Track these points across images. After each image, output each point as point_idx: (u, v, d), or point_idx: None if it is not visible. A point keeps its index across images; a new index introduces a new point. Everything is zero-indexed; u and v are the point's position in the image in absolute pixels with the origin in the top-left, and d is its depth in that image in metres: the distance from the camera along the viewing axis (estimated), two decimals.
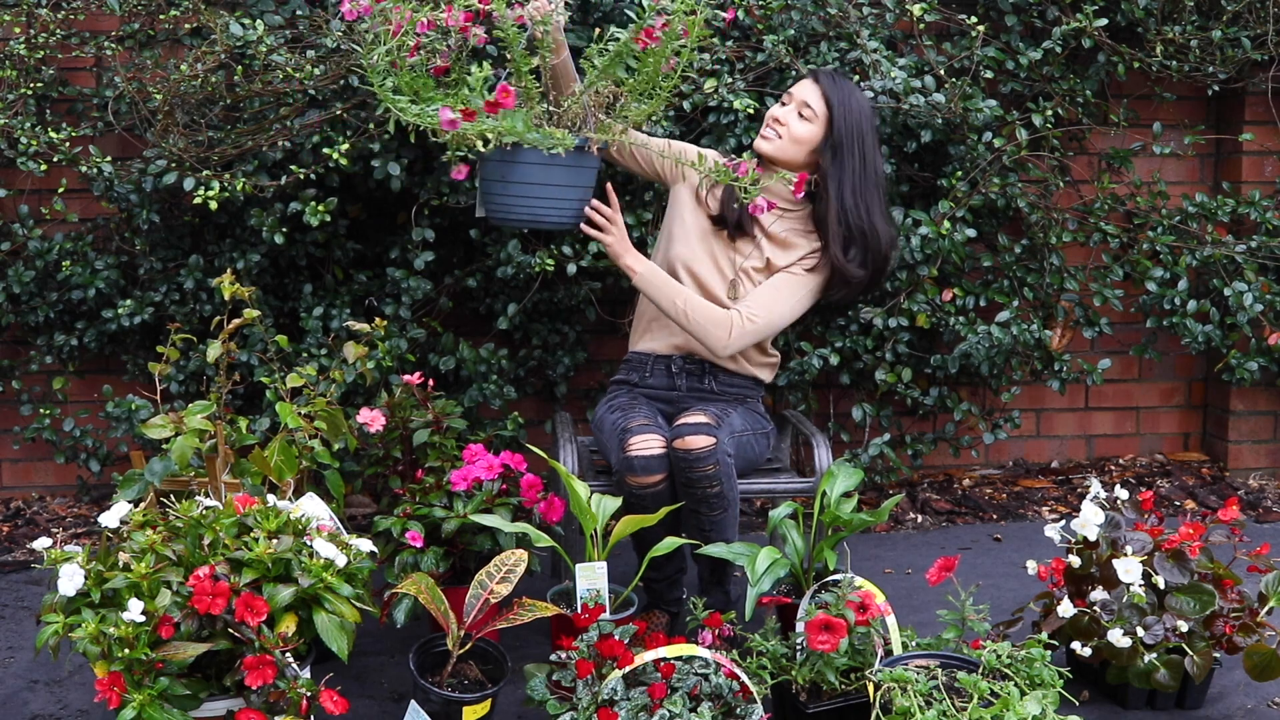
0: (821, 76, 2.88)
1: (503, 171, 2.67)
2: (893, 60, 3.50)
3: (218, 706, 2.16)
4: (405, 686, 2.65)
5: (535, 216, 2.73)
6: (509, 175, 2.67)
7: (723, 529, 2.72)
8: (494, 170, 2.69)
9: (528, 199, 2.69)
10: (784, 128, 2.87)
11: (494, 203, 2.74)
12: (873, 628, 2.33)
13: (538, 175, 2.65)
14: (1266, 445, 4.18)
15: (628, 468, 2.67)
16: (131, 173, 3.46)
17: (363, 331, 3.08)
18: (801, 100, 2.87)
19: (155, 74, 3.44)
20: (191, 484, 2.70)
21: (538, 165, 2.64)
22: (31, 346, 3.75)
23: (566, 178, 2.69)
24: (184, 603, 2.12)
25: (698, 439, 2.66)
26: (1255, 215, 3.87)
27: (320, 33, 3.30)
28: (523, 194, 2.68)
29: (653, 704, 2.15)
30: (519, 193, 2.68)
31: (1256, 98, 3.95)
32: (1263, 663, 2.44)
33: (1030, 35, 3.77)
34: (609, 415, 2.86)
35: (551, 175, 2.67)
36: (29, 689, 2.68)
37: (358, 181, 3.48)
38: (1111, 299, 3.84)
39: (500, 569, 2.44)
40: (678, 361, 2.97)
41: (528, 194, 2.68)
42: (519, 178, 2.66)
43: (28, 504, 3.87)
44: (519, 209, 2.71)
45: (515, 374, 3.72)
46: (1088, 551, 2.57)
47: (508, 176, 2.67)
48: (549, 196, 2.70)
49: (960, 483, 4.09)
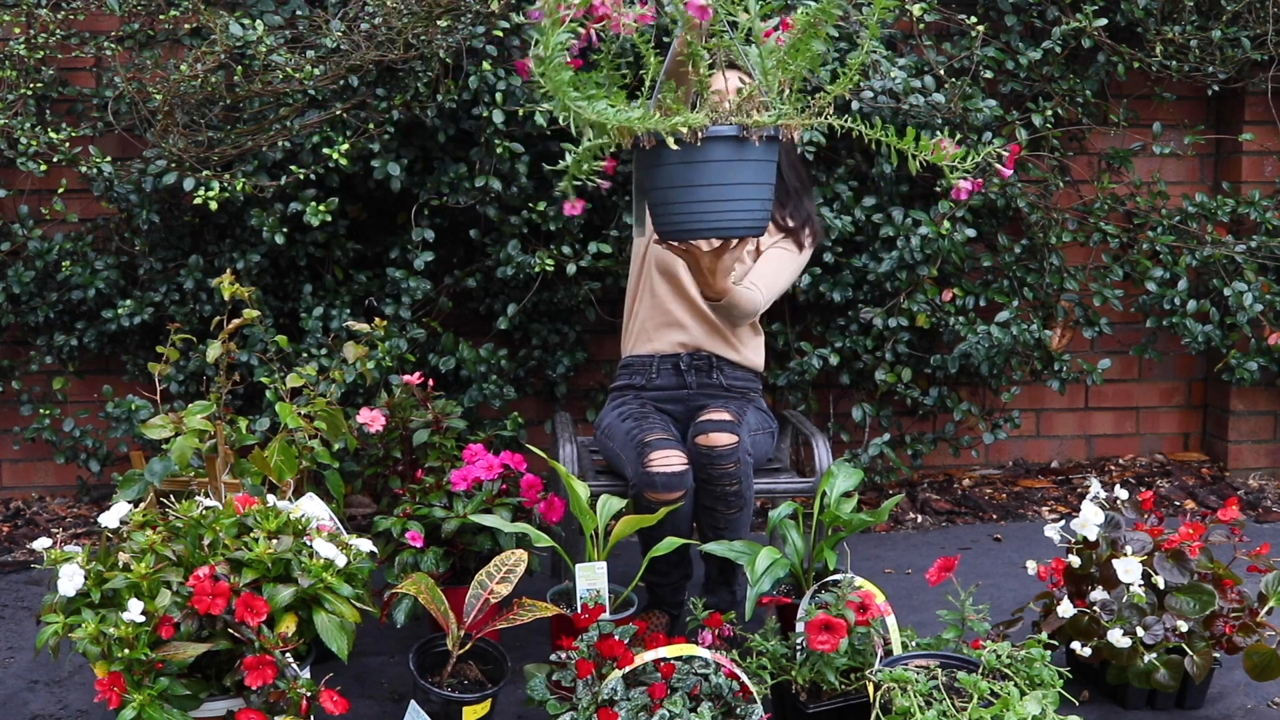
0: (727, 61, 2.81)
1: (685, 175, 2.29)
2: (893, 60, 3.50)
3: (218, 707, 2.16)
4: (405, 687, 2.65)
5: (727, 223, 2.33)
6: (694, 178, 2.28)
7: (737, 528, 2.72)
8: (670, 175, 2.30)
9: (718, 204, 2.30)
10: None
11: (673, 214, 2.34)
12: (873, 628, 2.33)
13: (727, 174, 2.27)
14: (1266, 445, 4.17)
15: (649, 484, 2.65)
16: (131, 173, 3.46)
17: (363, 331, 3.08)
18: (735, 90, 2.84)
19: (155, 74, 3.44)
20: (191, 484, 2.70)
21: (726, 162, 2.26)
22: (31, 346, 3.75)
23: (757, 173, 2.31)
24: (184, 603, 2.12)
25: (722, 436, 2.66)
26: (1255, 215, 3.88)
27: (320, 33, 3.30)
28: (712, 198, 2.29)
29: (653, 704, 2.15)
30: (708, 196, 2.30)
31: (1256, 98, 3.95)
32: (1263, 663, 2.44)
33: (1030, 35, 3.77)
34: (620, 423, 2.84)
35: (742, 172, 2.29)
36: (29, 689, 2.68)
37: (358, 181, 3.48)
38: (1111, 299, 3.84)
39: (500, 569, 2.44)
40: (685, 359, 2.96)
41: (718, 197, 2.29)
42: (705, 179, 2.28)
43: (28, 504, 3.87)
44: (708, 217, 2.32)
45: (515, 374, 3.72)
46: (1088, 551, 2.57)
47: (693, 179, 2.28)
48: (741, 197, 2.31)
49: (960, 483, 4.09)
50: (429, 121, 3.34)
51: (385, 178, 3.35)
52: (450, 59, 3.24)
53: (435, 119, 3.34)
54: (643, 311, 3.00)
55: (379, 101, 3.31)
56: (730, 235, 2.43)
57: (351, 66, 3.22)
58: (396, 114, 3.30)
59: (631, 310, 3.06)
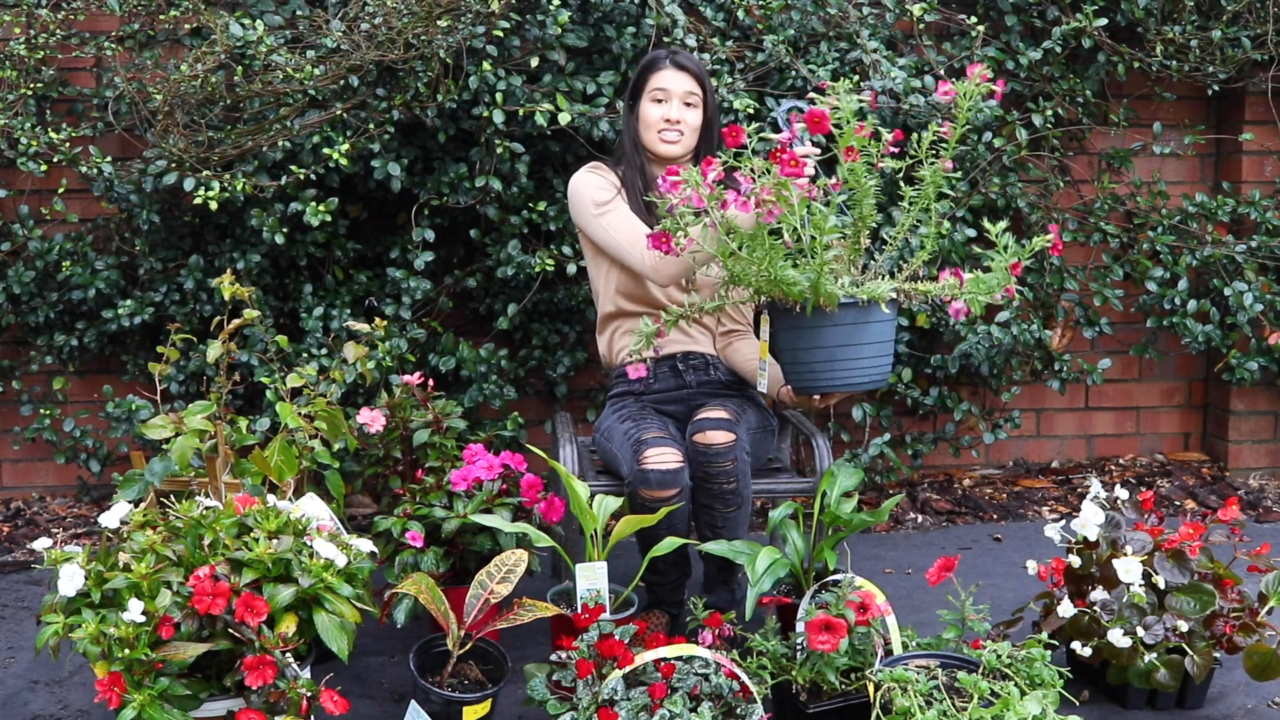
0: (682, 59, 2.89)
1: (817, 338, 2.39)
2: (893, 60, 3.50)
3: (218, 707, 2.16)
4: (405, 686, 2.65)
5: (860, 380, 2.44)
6: (829, 340, 2.39)
7: (734, 527, 2.72)
8: (800, 338, 2.41)
9: (848, 361, 2.40)
10: (680, 124, 2.87)
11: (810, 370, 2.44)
12: (873, 628, 2.33)
13: (857, 335, 2.38)
14: (1266, 445, 4.17)
15: (643, 481, 2.64)
16: (131, 173, 3.46)
17: (363, 331, 3.08)
18: (684, 91, 2.87)
19: (155, 74, 3.45)
20: (191, 484, 2.70)
21: (854, 325, 2.37)
22: (31, 346, 3.75)
23: (884, 332, 2.43)
24: (184, 603, 2.12)
25: (718, 434, 2.66)
26: (1255, 215, 3.88)
27: (320, 33, 3.30)
28: (844, 357, 2.40)
29: (653, 704, 2.15)
30: (840, 356, 2.40)
31: (1256, 98, 3.95)
32: (1263, 662, 2.44)
33: (1030, 35, 3.77)
34: (619, 424, 2.84)
35: (868, 333, 2.39)
36: (29, 689, 2.68)
37: (358, 181, 3.48)
38: (1111, 299, 3.84)
39: (500, 569, 2.44)
40: (682, 360, 2.96)
41: (847, 356, 2.40)
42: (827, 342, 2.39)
43: (28, 504, 3.87)
44: (838, 373, 2.42)
45: (515, 374, 3.72)
46: (1088, 551, 2.57)
47: (829, 341, 2.39)
48: (872, 355, 2.42)
49: (960, 483, 4.09)
50: (429, 121, 3.34)
51: (385, 178, 3.35)
52: (450, 59, 3.25)
53: (435, 119, 3.34)
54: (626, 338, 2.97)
55: (379, 101, 3.32)
56: (858, 390, 2.55)
57: (351, 66, 3.22)
58: (396, 114, 3.30)
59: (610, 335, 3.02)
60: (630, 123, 2.93)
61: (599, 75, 3.42)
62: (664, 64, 2.88)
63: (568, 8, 3.35)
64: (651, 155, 2.91)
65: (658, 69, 2.88)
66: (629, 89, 2.94)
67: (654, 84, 2.87)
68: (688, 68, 2.87)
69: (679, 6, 3.39)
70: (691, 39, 3.36)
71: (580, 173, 2.91)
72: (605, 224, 2.81)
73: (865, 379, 2.46)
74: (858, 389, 2.50)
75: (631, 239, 2.76)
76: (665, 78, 2.87)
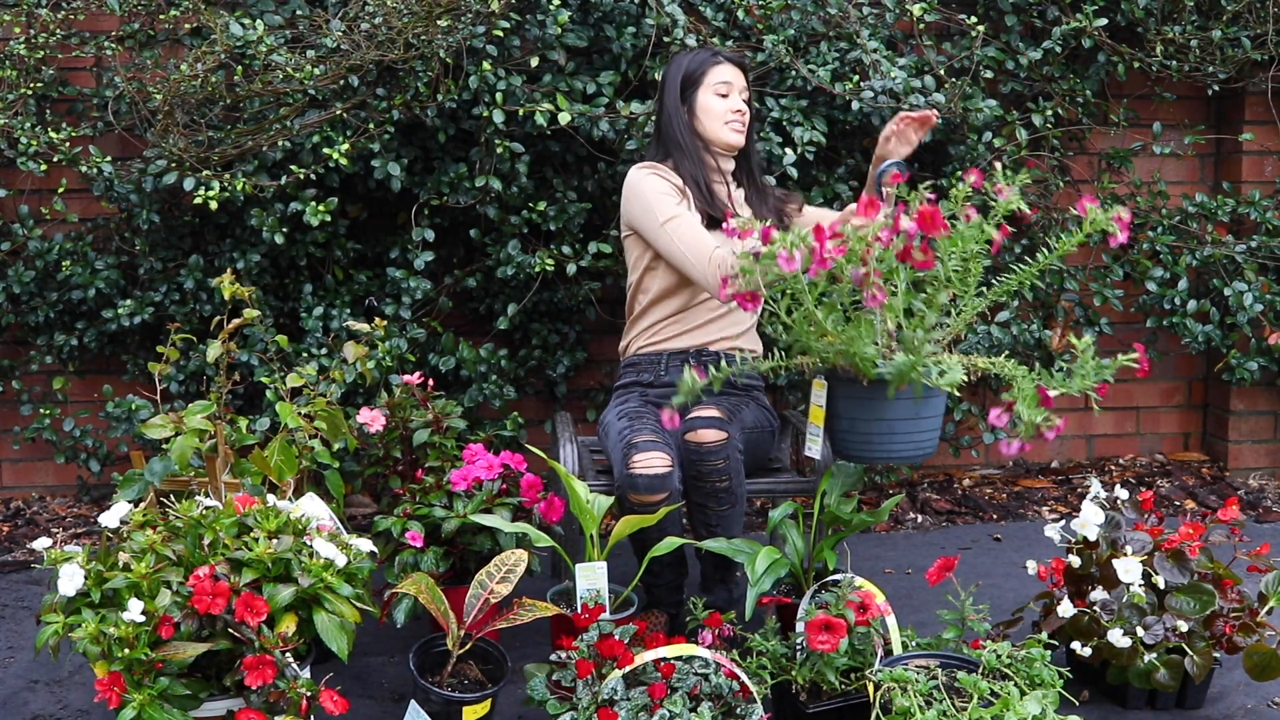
0: (735, 56, 3.00)
1: (880, 410, 2.41)
2: (893, 60, 3.50)
3: (218, 706, 2.16)
4: (405, 686, 2.65)
5: (915, 452, 2.47)
6: (892, 413, 2.41)
7: (729, 525, 2.72)
8: (862, 409, 2.44)
9: (907, 435, 2.43)
10: (743, 114, 2.97)
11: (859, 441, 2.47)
12: (873, 628, 2.33)
13: (920, 410, 2.41)
14: (1266, 445, 4.17)
15: (630, 486, 2.64)
16: (131, 173, 3.46)
17: (363, 331, 3.08)
18: (743, 85, 2.97)
19: (155, 74, 3.45)
20: (191, 484, 2.70)
21: (921, 400, 2.39)
22: (31, 346, 3.75)
23: (941, 405, 2.47)
24: (184, 603, 2.12)
25: (709, 433, 2.66)
26: (1255, 215, 3.88)
27: (320, 32, 3.30)
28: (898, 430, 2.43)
29: (653, 704, 2.15)
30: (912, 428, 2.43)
31: (1256, 98, 3.95)
32: (1263, 662, 2.44)
33: (1030, 35, 3.77)
34: (617, 421, 2.84)
35: (929, 407, 2.43)
36: (29, 689, 2.68)
37: (358, 181, 3.48)
38: (1111, 299, 3.84)
39: (500, 569, 2.44)
40: (694, 356, 2.96)
41: (901, 430, 2.43)
42: (888, 415, 2.41)
43: (28, 504, 3.87)
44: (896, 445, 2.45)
45: (515, 374, 3.72)
46: (1088, 551, 2.57)
47: (893, 415, 2.41)
48: (929, 428, 2.45)
49: (960, 483, 4.09)
50: (429, 121, 3.34)
51: (385, 177, 3.35)
52: (450, 59, 3.25)
53: (435, 119, 3.34)
54: (654, 313, 2.99)
55: (379, 101, 3.32)
56: (906, 463, 2.51)
57: (351, 66, 3.22)
58: (396, 114, 3.30)
59: (644, 309, 3.04)
60: (680, 116, 2.94)
61: (599, 75, 3.42)
62: (720, 59, 2.95)
63: (568, 8, 3.35)
64: (712, 144, 2.95)
65: (715, 64, 2.95)
66: (678, 85, 2.95)
67: (716, 77, 2.94)
68: (742, 64, 2.99)
69: (679, 6, 3.39)
70: (691, 39, 3.36)
71: (641, 175, 2.90)
72: (672, 233, 2.81)
73: (920, 451, 2.48)
74: (912, 461, 2.51)
75: (698, 252, 2.77)
76: (726, 72, 2.94)
